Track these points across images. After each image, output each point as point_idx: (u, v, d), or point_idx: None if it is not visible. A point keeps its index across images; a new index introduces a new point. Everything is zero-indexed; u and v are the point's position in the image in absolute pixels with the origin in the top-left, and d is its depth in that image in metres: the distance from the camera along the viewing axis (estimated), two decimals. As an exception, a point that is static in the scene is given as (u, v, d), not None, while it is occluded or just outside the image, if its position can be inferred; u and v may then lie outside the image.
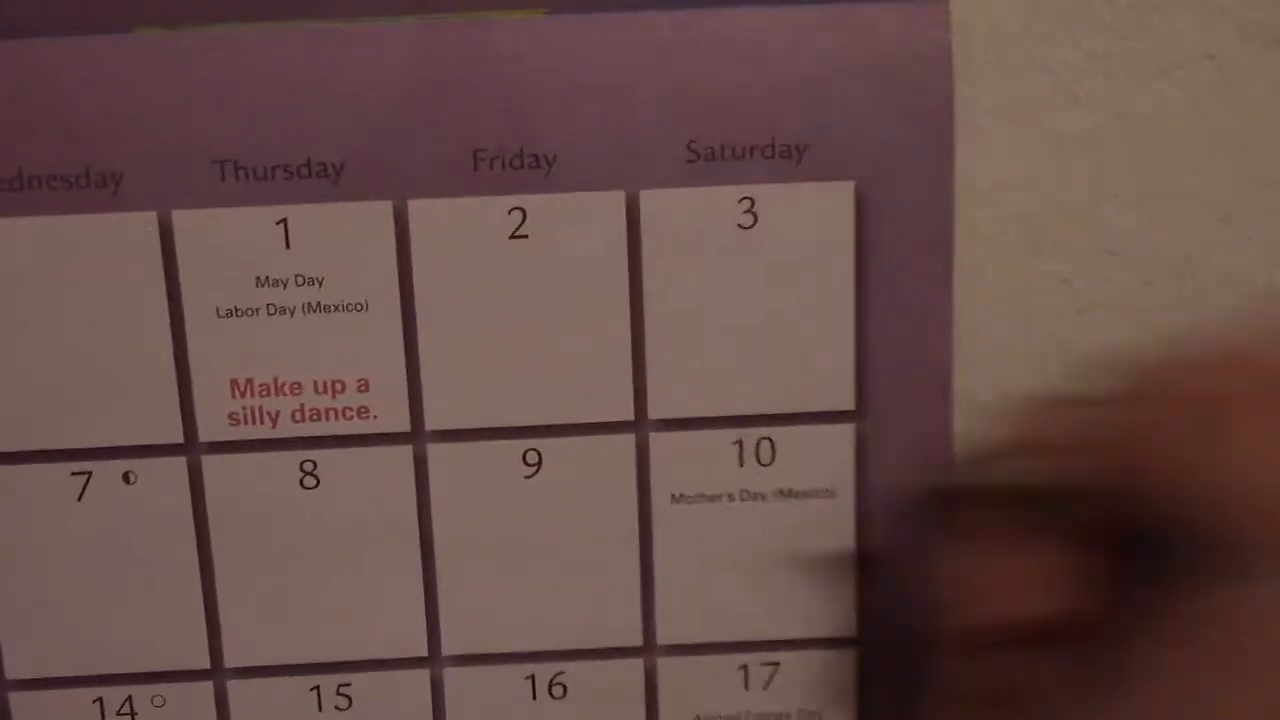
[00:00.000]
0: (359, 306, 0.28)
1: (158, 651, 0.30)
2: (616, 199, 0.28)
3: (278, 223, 0.28)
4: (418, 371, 0.29)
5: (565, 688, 0.30)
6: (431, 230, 0.28)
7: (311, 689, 0.30)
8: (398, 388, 0.29)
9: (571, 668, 0.30)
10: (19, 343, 0.28)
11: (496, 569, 0.30)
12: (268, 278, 0.28)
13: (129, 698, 0.30)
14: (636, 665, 0.30)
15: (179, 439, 0.29)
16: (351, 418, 0.29)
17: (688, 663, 0.30)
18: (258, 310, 0.28)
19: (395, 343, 0.29)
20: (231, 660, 0.30)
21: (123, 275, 0.28)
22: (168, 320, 0.28)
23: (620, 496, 0.29)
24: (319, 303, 0.28)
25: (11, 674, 0.30)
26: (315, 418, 0.29)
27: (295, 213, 0.28)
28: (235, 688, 0.30)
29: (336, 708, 0.30)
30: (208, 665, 0.30)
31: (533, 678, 0.30)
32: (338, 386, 0.29)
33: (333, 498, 0.29)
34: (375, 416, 0.29)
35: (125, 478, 0.29)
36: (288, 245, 0.28)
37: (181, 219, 0.28)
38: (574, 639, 0.30)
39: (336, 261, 0.28)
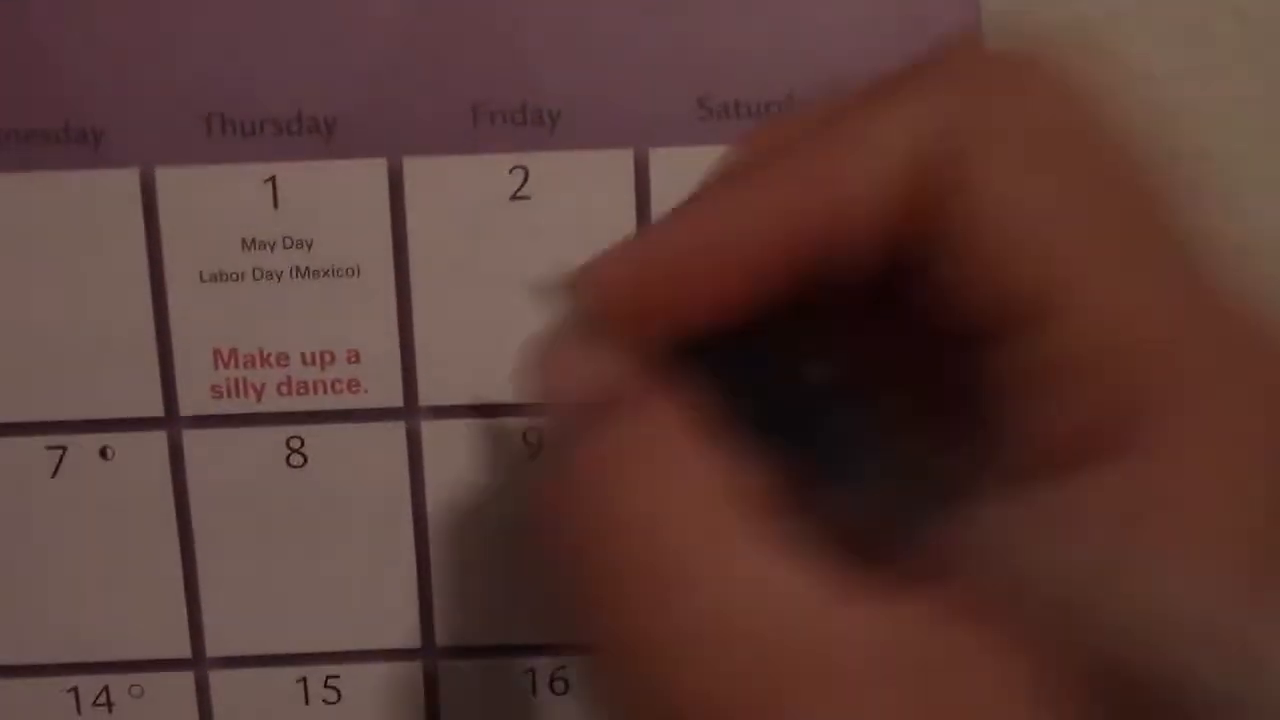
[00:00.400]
0: (350, 271, 0.27)
1: (136, 639, 0.28)
2: (625, 157, 0.26)
3: (265, 181, 0.26)
4: (412, 342, 0.27)
5: (566, 683, 0.28)
6: (428, 190, 0.26)
7: (298, 680, 0.28)
8: (390, 360, 0.27)
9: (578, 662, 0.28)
10: (-8, 308, 0.27)
11: (494, 555, 0.28)
12: (254, 240, 0.27)
13: (105, 688, 0.28)
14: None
15: (159, 412, 0.27)
16: (341, 391, 0.27)
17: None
18: (243, 275, 0.27)
19: (388, 311, 0.27)
20: (214, 649, 0.28)
21: (102, 236, 0.26)
22: (149, 285, 0.27)
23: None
24: (308, 267, 0.27)
25: (-18, 661, 0.28)
26: (303, 391, 0.27)
27: (284, 170, 0.26)
28: (218, 678, 0.28)
29: (325, 700, 0.28)
30: (189, 654, 0.28)
31: (533, 672, 0.28)
32: (326, 358, 0.27)
33: (321, 476, 0.27)
34: (366, 390, 0.27)
35: (103, 453, 0.27)
36: (276, 205, 0.26)
37: (165, 176, 0.26)
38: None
39: (327, 223, 0.26)
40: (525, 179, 0.26)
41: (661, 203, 0.26)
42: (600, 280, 0.16)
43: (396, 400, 0.27)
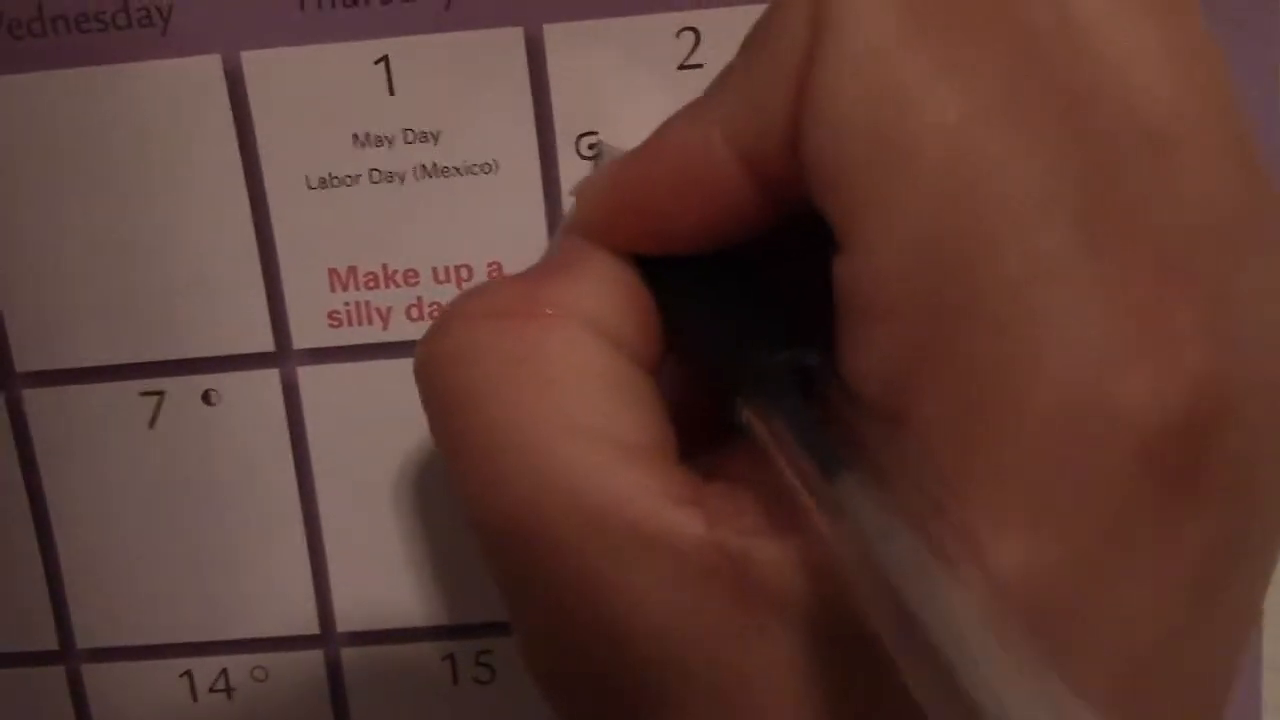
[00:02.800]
0: (487, 167, 0.22)
1: (256, 615, 0.24)
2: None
3: (377, 61, 0.21)
4: (564, 250, 0.22)
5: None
6: (573, 64, 0.21)
7: (445, 657, 0.24)
8: (539, 272, 0.22)
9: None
10: (57, 236, 0.22)
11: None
12: (368, 135, 0.22)
13: (224, 670, 0.24)
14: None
15: (269, 347, 0.23)
16: (481, 313, 0.22)
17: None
18: (358, 178, 0.22)
19: (534, 214, 0.22)
20: (344, 623, 0.24)
21: (183, 142, 0.22)
22: (245, 196, 0.22)
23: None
24: (435, 164, 0.22)
25: (83, 643, 0.24)
26: (436, 314, 0.22)
27: (400, 47, 0.21)
28: (350, 656, 0.24)
29: (477, 680, 0.24)
30: (317, 630, 0.24)
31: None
32: (463, 273, 0.22)
33: (462, 416, 0.23)
34: (511, 311, 0.22)
35: (206, 397, 0.23)
36: (391, 91, 0.22)
37: (253, 62, 0.21)
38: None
39: (456, 110, 0.22)
40: (696, 43, 0.21)
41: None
42: (581, 196, 0.17)
43: (548, 322, 0.22)
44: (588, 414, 0.15)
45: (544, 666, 0.15)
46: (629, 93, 0.21)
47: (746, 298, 0.16)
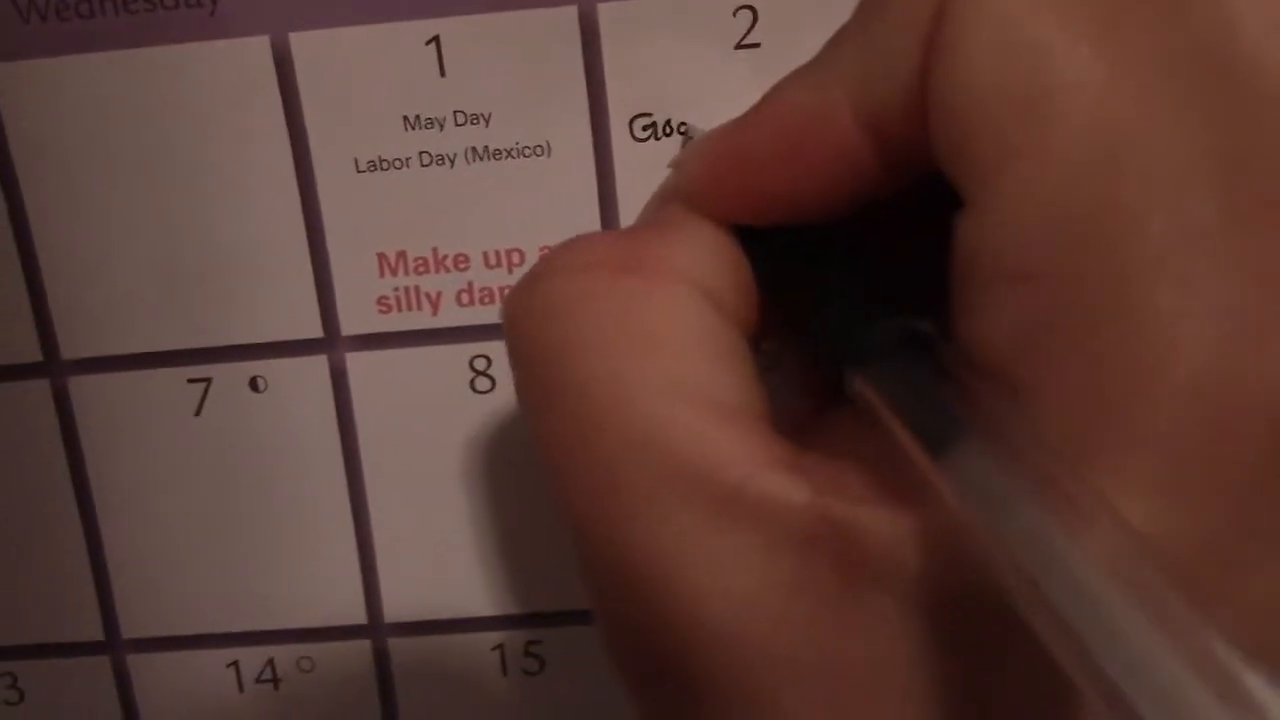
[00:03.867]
0: (539, 150, 0.21)
1: (303, 605, 0.24)
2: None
3: (428, 42, 0.21)
4: (617, 234, 0.22)
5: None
6: (629, 42, 0.21)
7: (494, 648, 0.24)
8: (591, 257, 0.22)
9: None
10: (103, 221, 0.22)
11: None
12: (418, 117, 0.21)
13: (270, 661, 0.24)
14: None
15: (317, 333, 0.22)
16: (533, 298, 0.22)
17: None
18: (408, 161, 0.21)
19: (587, 197, 0.22)
20: (392, 613, 0.24)
21: (231, 124, 0.21)
22: (293, 180, 0.22)
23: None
24: (486, 147, 0.21)
25: (128, 634, 0.24)
26: (487, 300, 0.22)
27: (451, 28, 0.21)
28: (399, 647, 0.24)
29: (525, 671, 0.24)
30: (364, 619, 0.24)
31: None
32: (515, 258, 0.22)
33: (511, 403, 0.22)
34: (563, 296, 0.22)
35: (253, 384, 0.22)
36: (442, 72, 0.21)
37: (302, 43, 0.21)
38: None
39: (508, 91, 0.21)
40: (754, 21, 0.21)
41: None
42: (682, 165, 0.16)
43: (601, 307, 0.22)
44: (690, 374, 0.14)
45: (626, 645, 0.15)
46: (685, 73, 0.21)
47: (845, 266, 0.16)
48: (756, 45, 0.21)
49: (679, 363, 0.14)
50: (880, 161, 0.14)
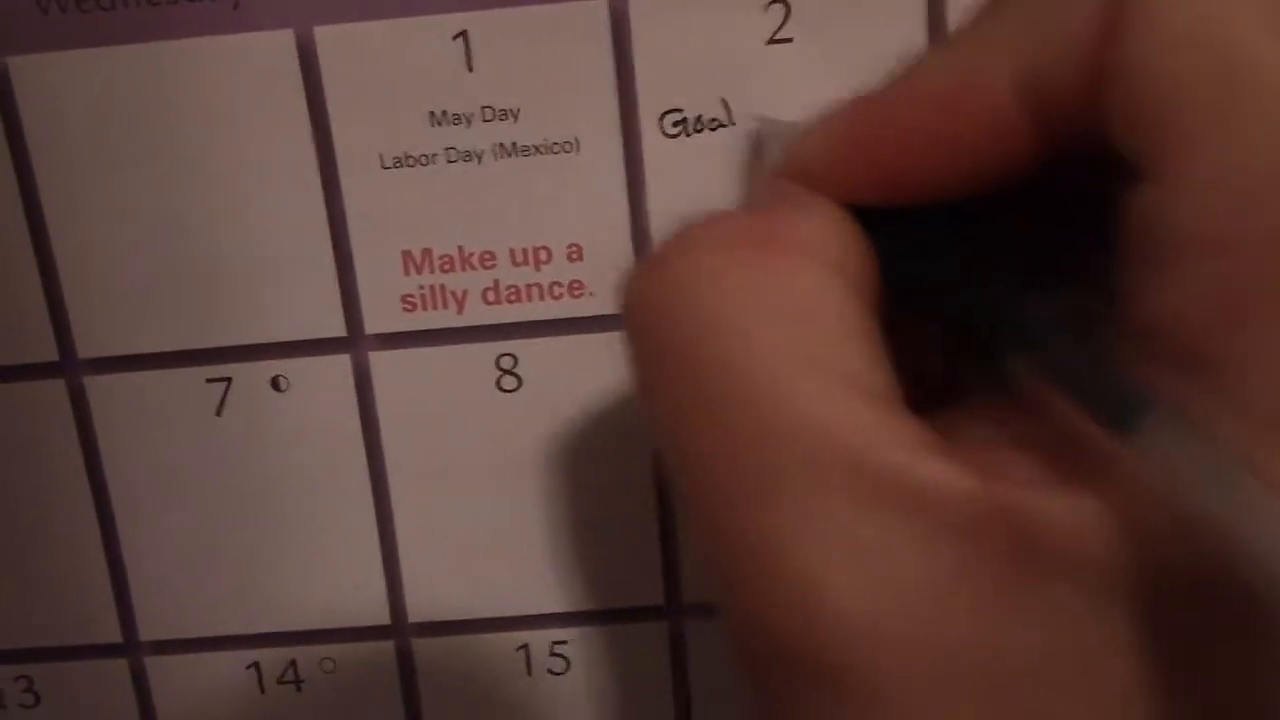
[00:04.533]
0: (568, 146, 0.21)
1: (325, 605, 0.23)
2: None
3: (455, 37, 0.21)
4: (646, 232, 0.21)
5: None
6: (659, 37, 0.21)
7: (519, 648, 0.24)
8: (619, 254, 0.21)
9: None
10: (122, 216, 0.21)
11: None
12: (445, 113, 0.21)
13: (291, 662, 0.24)
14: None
15: (340, 332, 0.22)
16: (560, 296, 0.22)
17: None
18: (434, 157, 0.21)
19: (616, 194, 0.21)
20: (416, 614, 0.23)
21: (255, 119, 0.21)
22: (317, 176, 0.21)
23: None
24: (514, 143, 0.21)
25: (146, 636, 0.24)
26: (514, 298, 0.22)
27: (479, 22, 0.21)
28: (422, 648, 0.24)
29: (550, 671, 0.24)
30: (388, 620, 0.23)
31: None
32: (541, 255, 0.21)
33: (538, 401, 0.22)
34: (591, 294, 0.22)
35: (275, 384, 0.22)
36: (470, 67, 0.21)
37: (327, 37, 0.21)
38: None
39: (536, 86, 0.21)
40: (786, 16, 0.20)
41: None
42: (804, 142, 0.16)
43: (630, 305, 0.22)
44: (836, 354, 0.13)
45: (761, 637, 0.13)
46: (716, 68, 0.21)
47: (977, 246, 0.15)
48: (789, 40, 0.21)
49: (825, 342, 0.14)
50: (1034, 135, 0.14)
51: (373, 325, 0.22)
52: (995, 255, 0.15)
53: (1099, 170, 0.13)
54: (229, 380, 0.22)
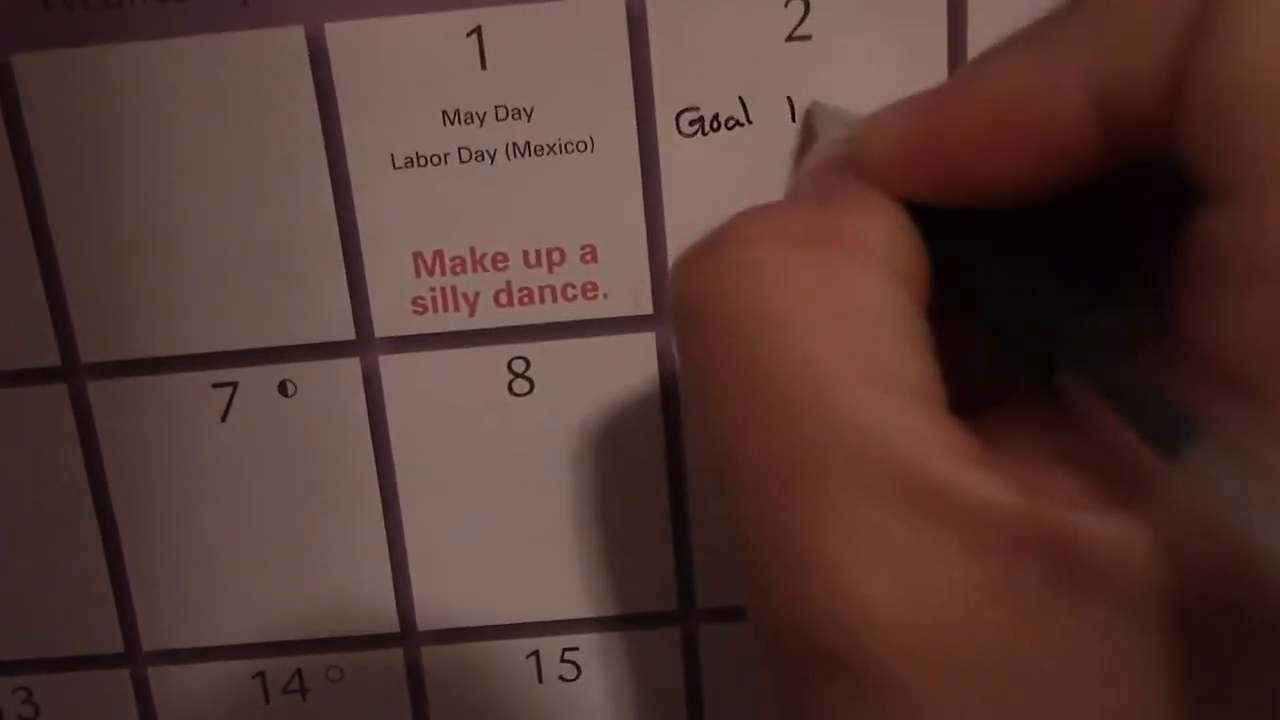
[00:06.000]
0: (582, 145, 0.21)
1: (332, 613, 0.23)
2: (940, -25, 0.20)
3: (469, 34, 0.20)
4: (662, 234, 0.21)
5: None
6: (677, 33, 0.20)
7: (529, 655, 0.23)
8: (635, 257, 0.21)
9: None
10: (125, 217, 0.21)
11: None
12: (458, 112, 0.21)
13: (297, 671, 0.23)
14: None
15: (349, 335, 0.22)
16: (574, 298, 0.21)
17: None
18: (446, 157, 0.21)
19: (631, 194, 0.21)
20: (425, 622, 0.23)
21: (265, 117, 0.21)
22: (327, 176, 0.21)
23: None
24: (528, 143, 0.21)
25: (149, 645, 0.23)
26: (526, 300, 0.21)
27: (493, 18, 0.20)
28: (431, 656, 0.23)
29: (562, 678, 0.23)
30: (396, 628, 0.23)
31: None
32: (555, 257, 0.21)
33: (551, 405, 0.22)
34: (605, 295, 0.21)
35: (282, 388, 0.22)
36: (484, 65, 0.20)
37: (338, 34, 0.20)
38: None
39: (550, 85, 0.20)
40: (805, 13, 0.20)
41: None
42: (866, 136, 0.15)
43: (645, 307, 0.21)
44: (889, 359, 0.13)
45: (792, 642, 0.13)
46: (734, 66, 0.20)
47: (1034, 256, 0.15)
48: (808, 38, 0.20)
49: (878, 346, 0.13)
50: (1102, 146, 0.13)
51: (382, 328, 0.22)
52: (1052, 266, 0.15)
53: (1166, 186, 0.13)
54: (235, 385, 0.22)
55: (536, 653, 0.23)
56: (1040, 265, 0.15)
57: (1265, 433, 0.11)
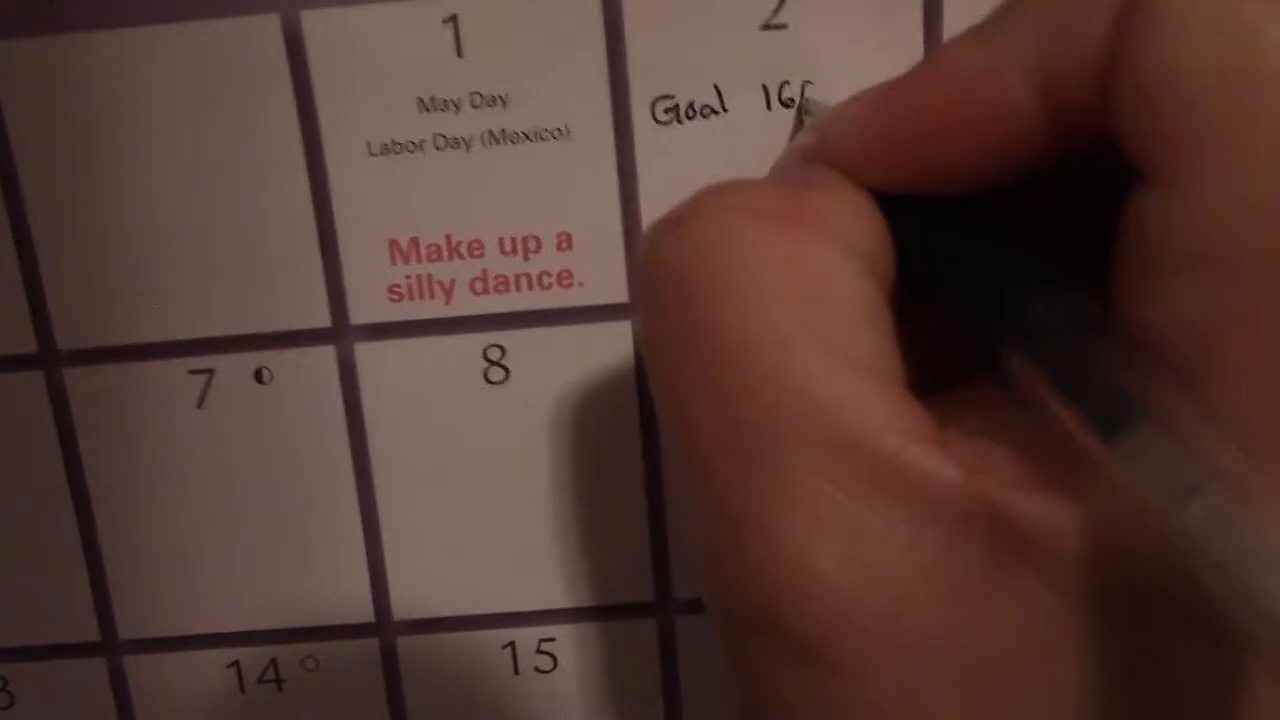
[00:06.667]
0: (558, 133, 0.21)
1: (308, 602, 0.23)
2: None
3: (445, 21, 0.20)
4: (638, 221, 0.21)
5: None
6: (657, 22, 0.20)
7: (505, 645, 0.23)
8: (610, 244, 0.21)
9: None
10: (101, 205, 0.21)
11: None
12: (434, 99, 0.21)
13: (273, 660, 0.23)
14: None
15: (325, 322, 0.22)
16: (550, 286, 0.21)
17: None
18: (422, 144, 0.21)
19: (607, 182, 0.21)
20: (401, 611, 0.23)
21: (241, 104, 0.21)
22: (303, 163, 0.21)
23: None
24: (504, 130, 0.21)
25: (125, 634, 0.23)
26: (502, 288, 0.21)
27: (469, 6, 0.20)
28: (407, 645, 0.23)
29: (538, 669, 0.23)
30: (371, 618, 0.23)
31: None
32: (531, 244, 0.21)
33: (527, 394, 0.22)
34: (581, 284, 0.21)
35: (258, 375, 0.22)
36: (459, 53, 0.20)
37: (313, 22, 0.20)
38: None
39: (526, 72, 0.20)
40: (781, 1, 0.20)
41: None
42: (830, 125, 0.16)
43: (621, 295, 0.21)
44: (848, 335, 0.13)
45: (740, 606, 0.14)
46: (710, 54, 0.20)
47: (996, 239, 0.15)
48: (784, 26, 0.20)
49: (837, 322, 0.14)
50: (1048, 130, 0.14)
51: (358, 315, 0.22)
52: (1008, 251, 0.15)
53: (1116, 171, 0.13)
54: (211, 372, 0.22)
55: (513, 643, 0.23)
56: (1000, 251, 0.15)
57: (1197, 413, 0.11)
